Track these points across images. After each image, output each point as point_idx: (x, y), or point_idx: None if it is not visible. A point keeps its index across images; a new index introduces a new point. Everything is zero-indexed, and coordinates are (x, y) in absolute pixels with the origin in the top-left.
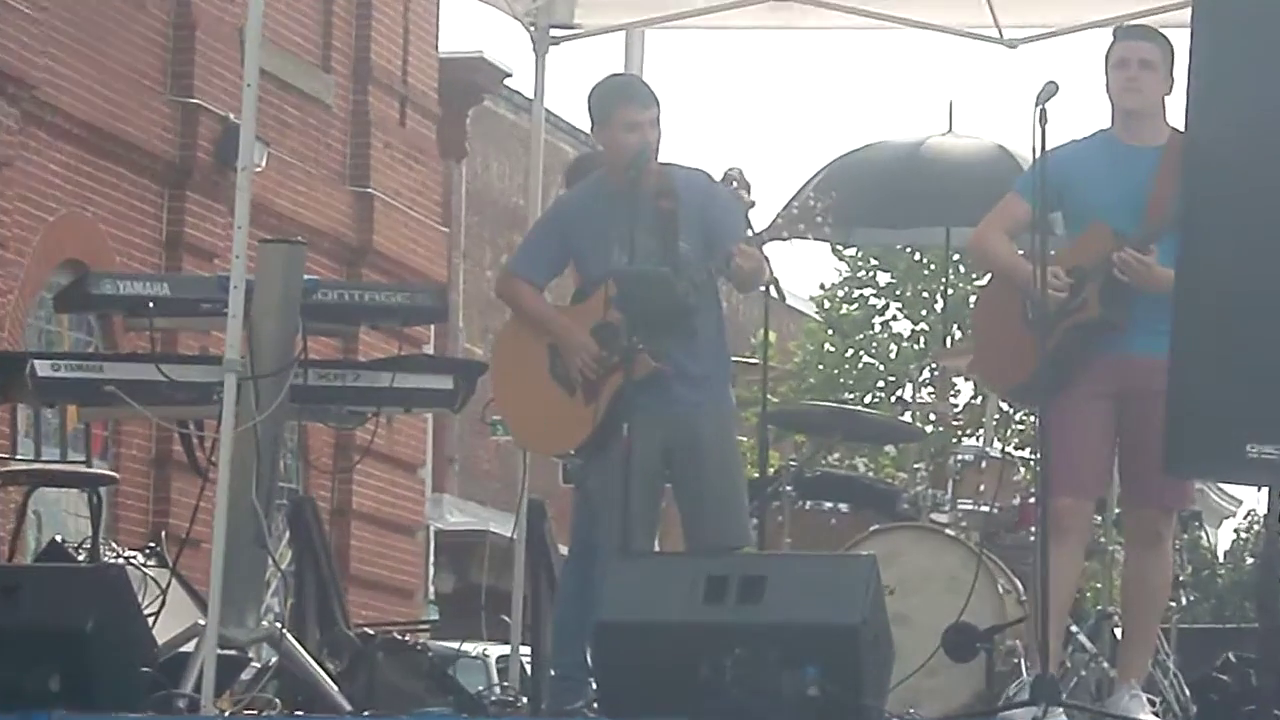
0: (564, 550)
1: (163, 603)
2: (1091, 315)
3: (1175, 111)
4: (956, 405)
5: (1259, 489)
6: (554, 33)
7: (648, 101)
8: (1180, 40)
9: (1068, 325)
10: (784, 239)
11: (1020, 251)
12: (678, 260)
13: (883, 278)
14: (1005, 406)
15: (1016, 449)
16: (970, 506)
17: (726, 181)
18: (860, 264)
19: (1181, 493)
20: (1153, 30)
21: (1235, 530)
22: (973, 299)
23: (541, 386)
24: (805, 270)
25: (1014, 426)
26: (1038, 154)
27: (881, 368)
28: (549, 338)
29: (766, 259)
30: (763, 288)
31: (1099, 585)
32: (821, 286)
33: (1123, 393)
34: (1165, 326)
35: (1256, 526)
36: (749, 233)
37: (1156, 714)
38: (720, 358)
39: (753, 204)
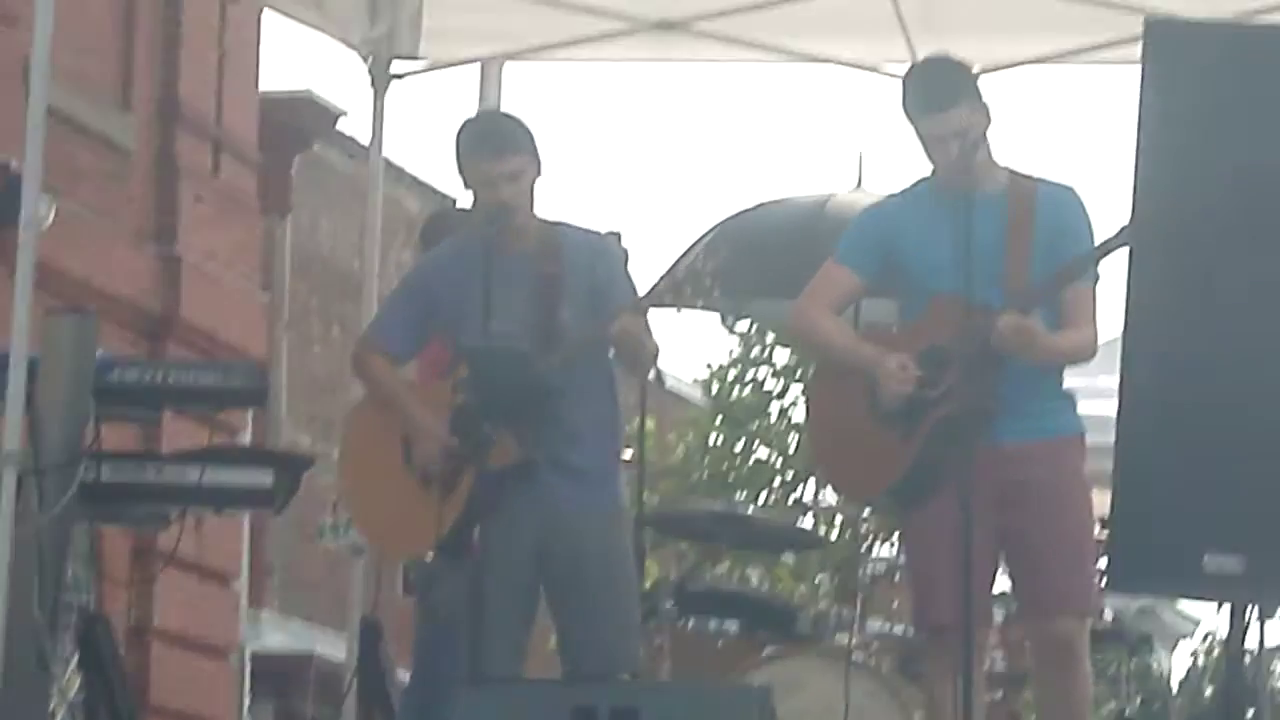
0: (405, 676)
1: None
2: (961, 405)
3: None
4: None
5: (1218, 606)
6: (396, 66)
7: (505, 149)
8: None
9: (934, 420)
10: (667, 305)
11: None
12: (557, 332)
13: (781, 356)
14: None
15: None
16: (883, 628)
17: None
18: (754, 341)
19: (1089, 594)
20: (947, 81)
21: (1192, 654)
22: None
23: (395, 478)
24: (689, 348)
25: None
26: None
27: (779, 463)
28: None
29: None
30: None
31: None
32: (709, 367)
33: (997, 491)
34: (1033, 405)
35: (1216, 650)
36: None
37: None
38: (610, 448)
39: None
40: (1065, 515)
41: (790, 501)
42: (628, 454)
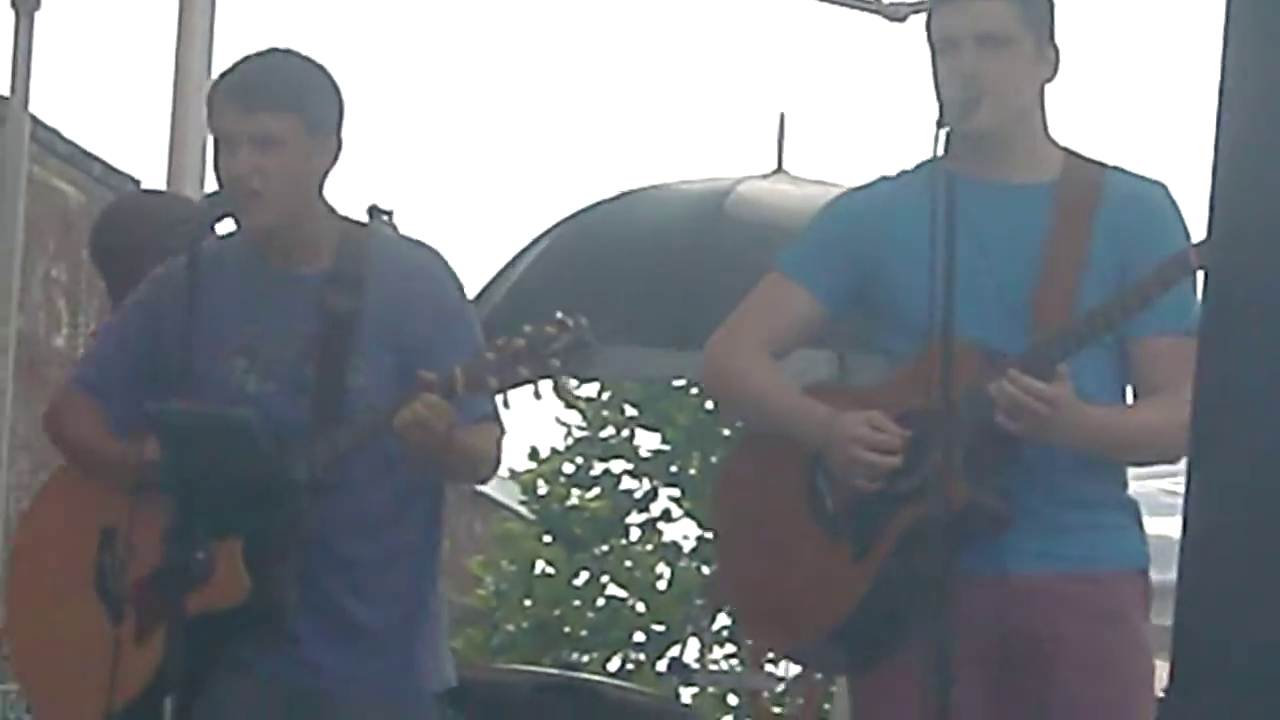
0: None
1: None
2: (945, 504)
3: (1063, 112)
4: (778, 673)
5: None
6: None
7: (260, 101)
8: None
9: (902, 527)
10: (493, 389)
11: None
12: (340, 404)
13: (647, 441)
14: None
15: None
16: None
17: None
18: (606, 415)
19: None
20: None
21: None
22: None
23: (78, 606)
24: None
25: None
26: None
27: (642, 607)
28: (109, 510)
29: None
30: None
31: None
32: (533, 455)
33: (1001, 649)
34: (1068, 516)
35: None
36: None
37: None
38: (418, 593)
39: None
40: (1107, 693)
41: (663, 665)
42: None
